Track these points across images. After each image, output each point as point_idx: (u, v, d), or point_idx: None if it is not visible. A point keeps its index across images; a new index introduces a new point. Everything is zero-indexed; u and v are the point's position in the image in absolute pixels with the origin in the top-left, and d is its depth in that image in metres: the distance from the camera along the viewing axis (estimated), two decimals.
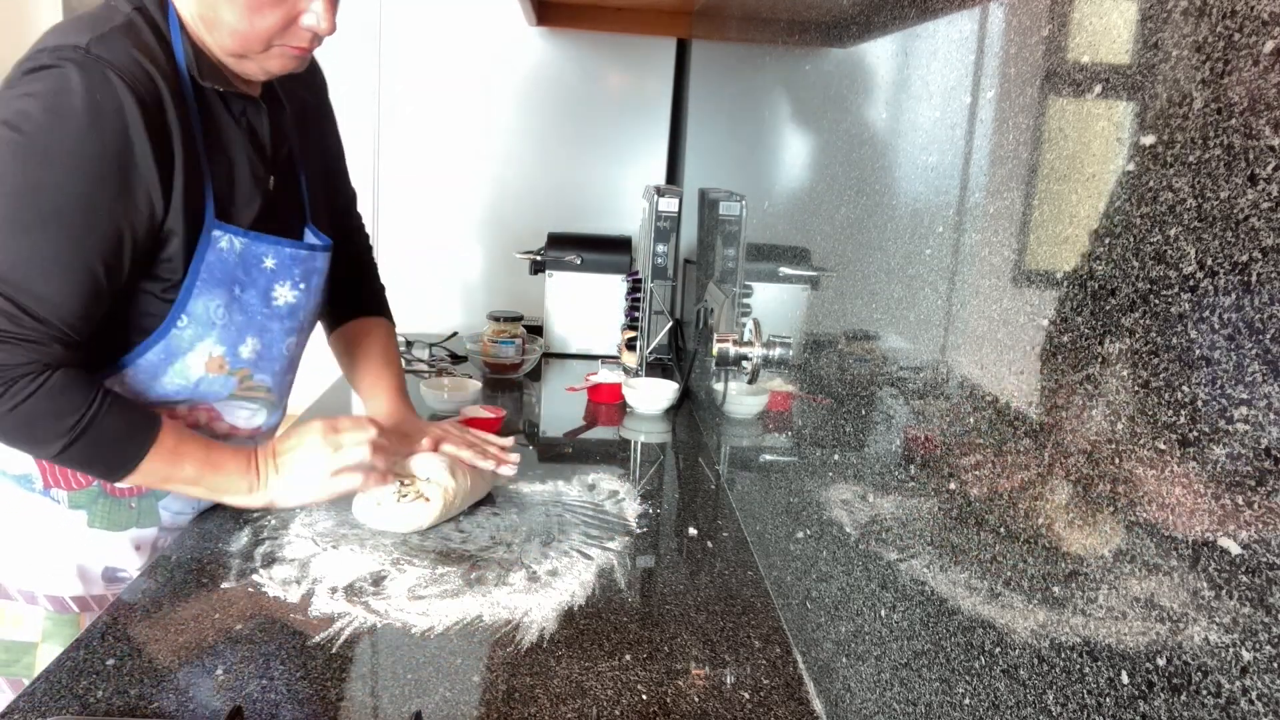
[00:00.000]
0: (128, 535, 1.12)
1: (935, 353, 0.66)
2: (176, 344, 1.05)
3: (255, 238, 1.08)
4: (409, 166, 2.39)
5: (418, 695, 0.83)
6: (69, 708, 0.79)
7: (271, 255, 1.10)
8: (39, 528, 1.08)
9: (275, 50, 1.01)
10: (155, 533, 1.15)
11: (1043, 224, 0.52)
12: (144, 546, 1.15)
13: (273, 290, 1.12)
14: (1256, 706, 0.34)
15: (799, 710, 0.85)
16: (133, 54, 0.94)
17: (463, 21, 2.32)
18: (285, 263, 1.12)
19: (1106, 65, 0.47)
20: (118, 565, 1.13)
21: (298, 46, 1.02)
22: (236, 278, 1.07)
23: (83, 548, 1.10)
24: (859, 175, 0.86)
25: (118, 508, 1.11)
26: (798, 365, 1.06)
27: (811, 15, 1.08)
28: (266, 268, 1.10)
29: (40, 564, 1.09)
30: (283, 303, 1.14)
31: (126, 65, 0.92)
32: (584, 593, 1.03)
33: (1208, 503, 0.37)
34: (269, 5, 0.97)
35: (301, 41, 1.02)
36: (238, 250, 1.06)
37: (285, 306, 1.14)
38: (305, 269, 1.15)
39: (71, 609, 1.10)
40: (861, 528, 0.78)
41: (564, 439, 1.64)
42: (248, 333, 1.11)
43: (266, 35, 0.99)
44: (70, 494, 1.08)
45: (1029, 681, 0.50)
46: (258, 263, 1.09)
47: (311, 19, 1.00)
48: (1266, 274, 0.35)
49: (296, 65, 1.05)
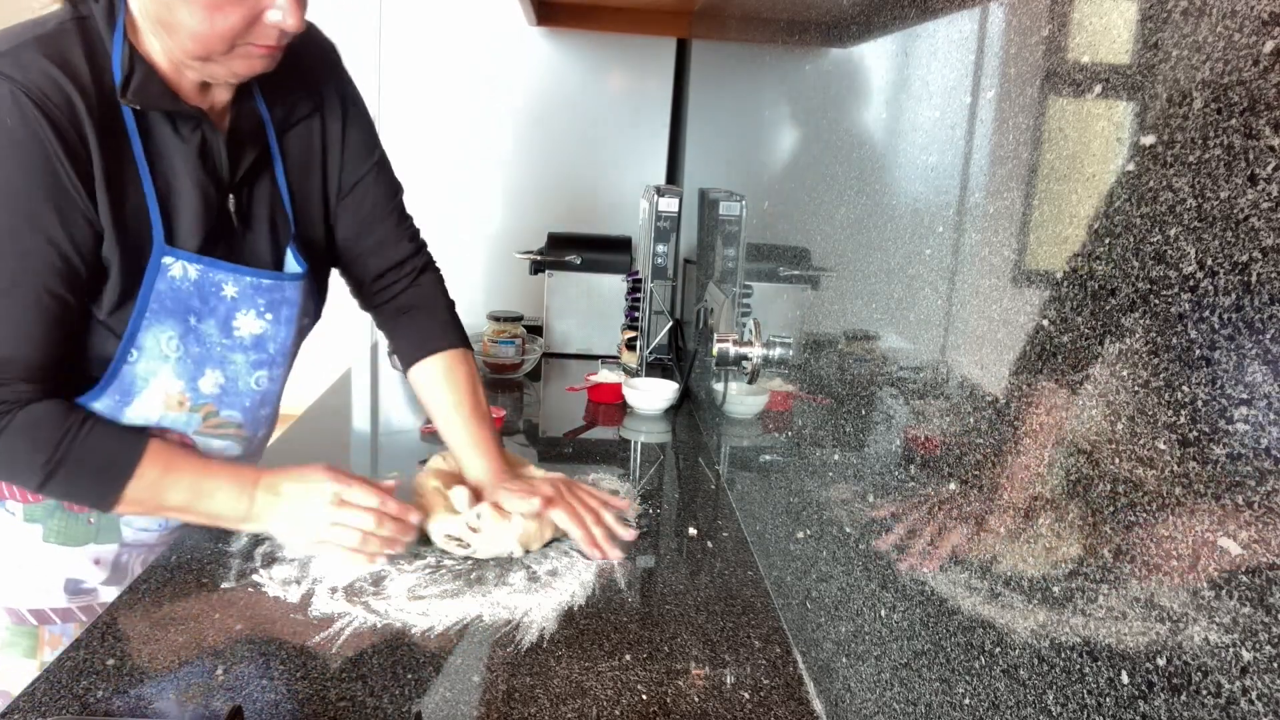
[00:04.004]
0: (85, 551, 1.09)
1: (935, 353, 0.66)
2: (129, 379, 1.00)
3: (211, 264, 1.01)
4: (409, 166, 2.39)
5: (418, 695, 0.83)
6: (69, 708, 0.79)
7: (231, 283, 1.03)
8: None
9: (240, 50, 0.93)
10: (117, 549, 1.11)
11: (1043, 224, 0.52)
12: (104, 562, 1.10)
13: (233, 320, 1.05)
14: (1256, 706, 0.34)
15: (799, 710, 0.85)
16: (47, 70, 0.88)
17: (463, 21, 2.32)
18: (247, 291, 1.04)
19: (1106, 65, 0.47)
20: (79, 578, 1.09)
21: (264, 45, 0.94)
22: (192, 307, 1.01)
23: (39, 561, 1.07)
24: (859, 175, 0.86)
25: (74, 523, 1.07)
26: (798, 365, 1.06)
27: (811, 15, 1.08)
28: (226, 296, 1.03)
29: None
30: (246, 334, 1.06)
31: (36, 82, 0.87)
32: (584, 593, 1.03)
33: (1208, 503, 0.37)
34: (229, 3, 0.89)
35: (268, 40, 0.93)
36: (192, 278, 1.00)
37: (250, 338, 1.06)
38: (271, 299, 1.07)
39: (29, 621, 1.07)
40: (861, 528, 0.78)
41: (564, 439, 1.64)
42: (206, 365, 1.04)
43: (229, 35, 0.91)
44: (25, 506, 1.05)
45: (1029, 681, 0.50)
46: (215, 291, 1.02)
47: (276, 14, 0.91)
48: (1266, 274, 0.35)
49: (266, 66, 0.97)
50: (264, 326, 1.07)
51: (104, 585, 1.12)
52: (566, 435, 1.66)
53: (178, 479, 1.00)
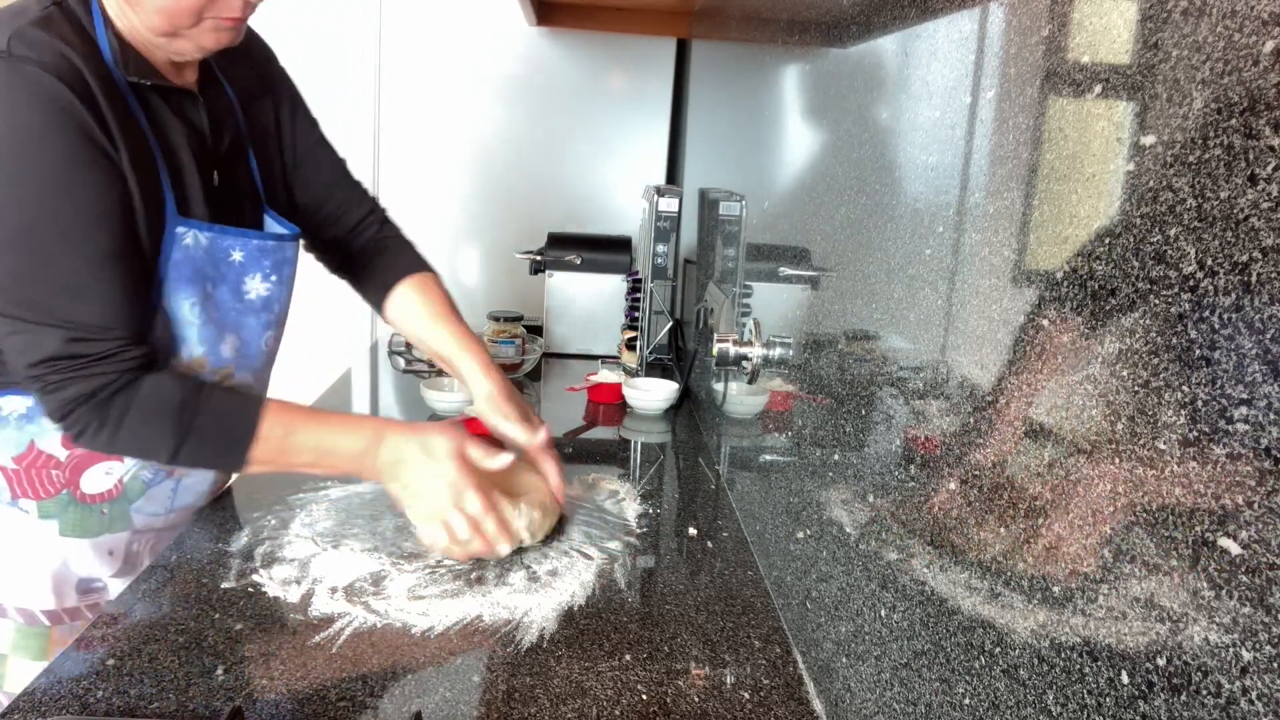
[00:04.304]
0: (100, 541, 1.10)
1: (935, 353, 0.66)
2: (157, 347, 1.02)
3: (220, 231, 1.05)
4: (409, 166, 2.39)
5: (418, 695, 0.83)
6: (69, 708, 0.79)
7: (238, 248, 1.08)
8: (8, 539, 1.06)
9: (207, 24, 0.95)
10: (128, 536, 1.13)
11: (1043, 224, 0.52)
12: (117, 551, 1.13)
13: (244, 284, 1.10)
14: (1256, 706, 0.34)
15: (799, 710, 0.85)
16: (59, 49, 0.89)
17: (463, 21, 2.32)
18: (254, 254, 1.09)
19: (1106, 65, 0.47)
20: (92, 575, 1.11)
21: (230, 18, 0.96)
22: (206, 274, 1.05)
23: (55, 557, 1.08)
24: (859, 175, 0.86)
25: (88, 514, 1.09)
26: (798, 365, 1.06)
27: (811, 15, 1.08)
28: (235, 261, 1.08)
29: (10, 576, 1.07)
30: (255, 296, 1.11)
31: (54, 61, 0.88)
32: (584, 593, 1.03)
33: (1208, 503, 0.37)
34: None
35: (233, 11, 0.95)
36: (204, 245, 1.04)
37: (259, 300, 1.12)
38: (275, 259, 1.13)
39: (41, 621, 1.08)
40: (861, 528, 0.78)
41: (564, 439, 1.64)
42: (225, 330, 1.09)
43: (195, 8, 0.93)
44: (39, 504, 1.06)
45: (1029, 681, 0.50)
46: (225, 256, 1.07)
47: None
48: (1266, 274, 0.35)
49: (232, 38, 0.99)
50: (270, 288, 1.13)
51: (114, 578, 1.13)
52: (567, 435, 1.66)
53: (301, 438, 1.03)
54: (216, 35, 0.97)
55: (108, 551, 1.11)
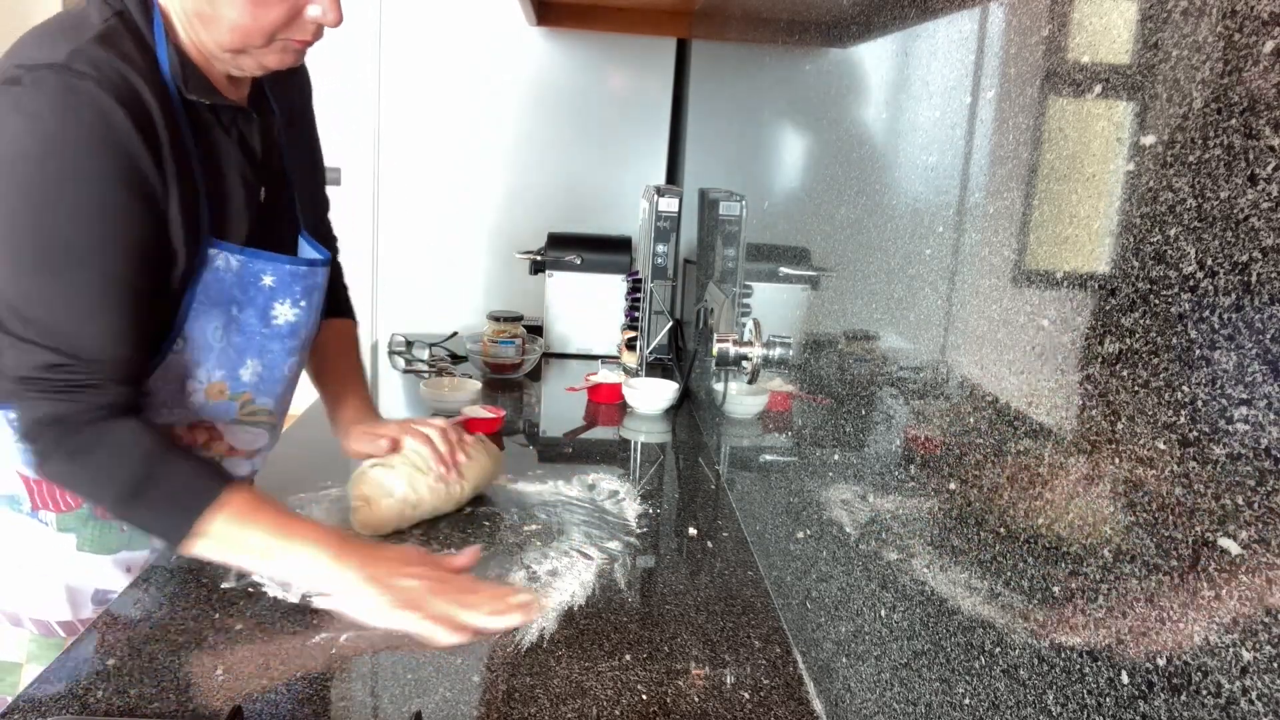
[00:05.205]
0: (118, 557, 1.09)
1: (935, 353, 0.66)
2: (175, 368, 1.01)
3: (253, 255, 1.04)
4: (409, 166, 2.39)
5: (418, 695, 0.83)
6: (69, 708, 0.79)
7: (270, 272, 1.06)
8: (27, 550, 1.05)
9: (277, 44, 0.96)
10: (147, 554, 1.11)
11: (1043, 224, 0.52)
12: (134, 569, 1.10)
13: (272, 309, 1.08)
14: (1256, 706, 0.34)
15: (799, 710, 0.85)
16: (118, 67, 0.88)
17: (463, 21, 2.32)
18: (285, 280, 1.08)
19: (1106, 65, 0.47)
20: (108, 588, 1.09)
21: (301, 40, 0.97)
22: (234, 297, 1.03)
23: (71, 570, 1.06)
24: (859, 175, 0.86)
25: (108, 531, 1.07)
26: (798, 365, 1.06)
27: (811, 15, 1.08)
28: (265, 285, 1.06)
29: (27, 586, 1.05)
30: (283, 321, 1.09)
31: (112, 79, 0.87)
32: (584, 593, 1.03)
33: (1208, 503, 0.37)
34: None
35: (305, 34, 0.97)
36: (234, 269, 1.02)
37: (286, 325, 1.10)
38: (306, 285, 1.11)
39: (57, 634, 1.06)
40: (861, 528, 0.78)
41: (564, 439, 1.64)
42: (248, 354, 1.07)
43: (270, 29, 0.93)
44: (59, 516, 1.05)
45: (1029, 681, 0.50)
46: (255, 280, 1.05)
47: (317, 10, 0.94)
48: (1266, 274, 0.35)
49: (295, 60, 1.00)
50: (298, 314, 1.11)
51: None
52: (566, 435, 1.66)
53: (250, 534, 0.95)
54: (282, 56, 0.98)
55: (125, 568, 1.10)
